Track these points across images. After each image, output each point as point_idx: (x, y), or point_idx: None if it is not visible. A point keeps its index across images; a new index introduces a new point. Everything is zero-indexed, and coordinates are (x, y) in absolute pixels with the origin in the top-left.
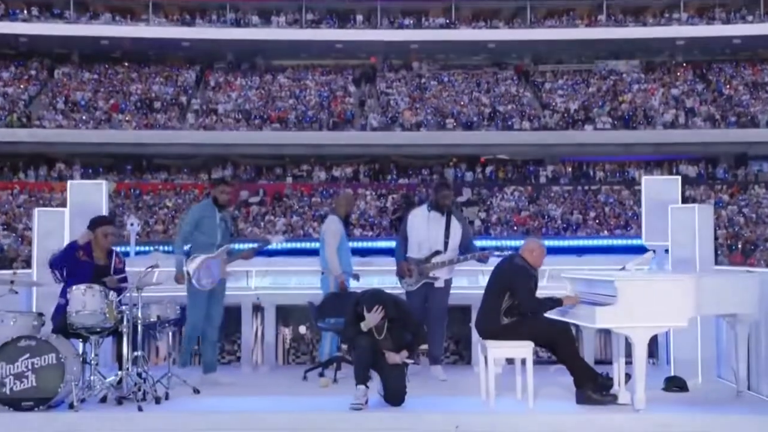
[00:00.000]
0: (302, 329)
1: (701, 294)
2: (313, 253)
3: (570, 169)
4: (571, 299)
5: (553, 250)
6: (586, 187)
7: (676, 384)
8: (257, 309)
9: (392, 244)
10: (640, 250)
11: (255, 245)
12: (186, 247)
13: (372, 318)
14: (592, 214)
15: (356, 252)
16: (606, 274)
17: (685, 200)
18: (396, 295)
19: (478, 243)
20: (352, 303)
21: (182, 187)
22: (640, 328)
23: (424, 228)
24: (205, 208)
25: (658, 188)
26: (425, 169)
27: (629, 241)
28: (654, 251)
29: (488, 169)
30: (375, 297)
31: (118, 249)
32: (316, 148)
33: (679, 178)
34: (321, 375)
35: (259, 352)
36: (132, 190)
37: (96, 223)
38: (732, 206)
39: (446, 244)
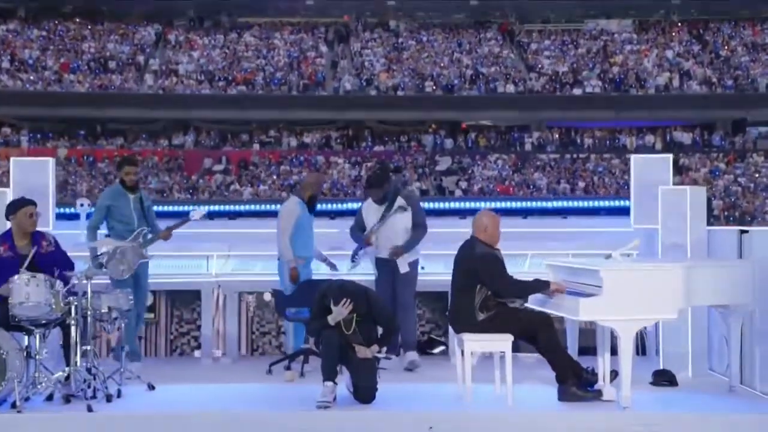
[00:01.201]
0: (267, 296)
1: (692, 284)
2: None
3: (557, 136)
4: (559, 286)
5: (537, 212)
6: (574, 155)
7: (664, 378)
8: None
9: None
10: (627, 212)
11: (173, 224)
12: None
13: (339, 312)
14: (581, 183)
15: (324, 213)
16: (591, 262)
17: (679, 169)
18: (366, 287)
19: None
20: (319, 295)
21: (140, 154)
22: (627, 321)
23: (373, 218)
24: (113, 193)
25: (648, 167)
26: (403, 136)
27: (615, 203)
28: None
29: (470, 136)
30: (343, 289)
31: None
32: (284, 113)
33: (671, 156)
34: (287, 368)
35: (221, 342)
36: (85, 157)
37: (15, 207)
38: (729, 175)
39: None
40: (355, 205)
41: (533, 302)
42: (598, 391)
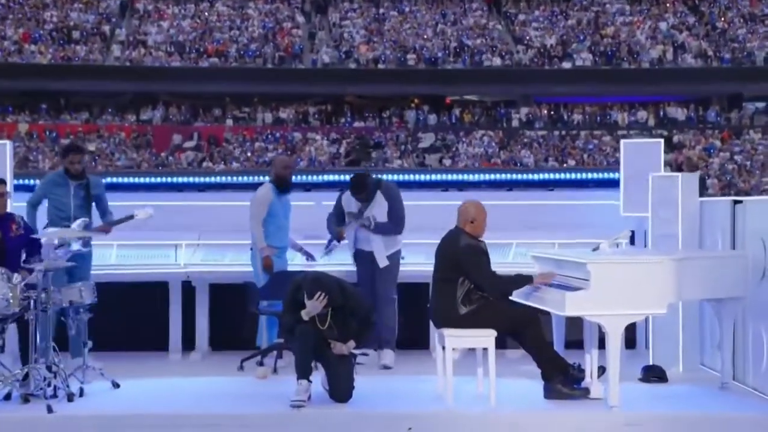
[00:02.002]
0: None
1: (683, 278)
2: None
3: (545, 112)
4: (545, 276)
5: (521, 184)
6: (563, 132)
7: (654, 374)
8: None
9: (338, 177)
10: (615, 184)
11: (115, 219)
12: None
13: (313, 306)
14: (570, 161)
15: (299, 185)
16: (578, 255)
17: (672, 146)
18: (342, 280)
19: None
20: (292, 288)
21: (106, 129)
22: (615, 316)
23: (353, 208)
24: (54, 179)
25: (639, 152)
26: (384, 111)
27: (604, 175)
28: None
29: (454, 112)
30: (317, 282)
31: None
32: (259, 87)
33: (662, 141)
34: (260, 364)
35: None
36: (47, 132)
37: None
38: (724, 153)
39: (360, 214)
40: (331, 177)
41: (517, 295)
42: (586, 389)
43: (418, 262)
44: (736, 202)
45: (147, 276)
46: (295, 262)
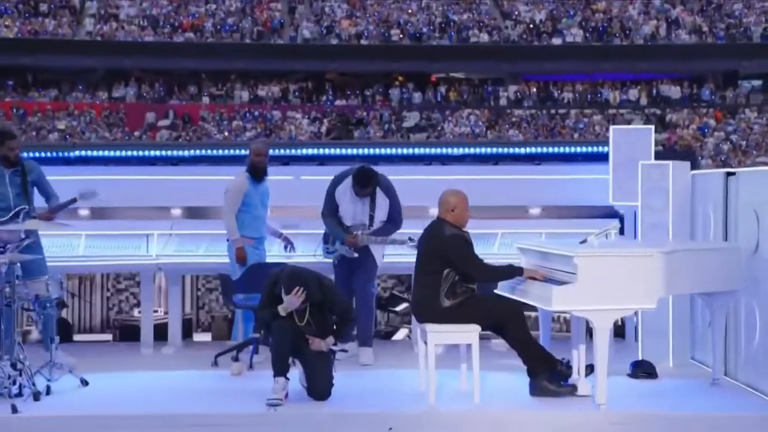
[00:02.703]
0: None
1: (673, 271)
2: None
3: (534, 90)
4: (534, 272)
5: (507, 158)
6: (553, 111)
7: (643, 370)
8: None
9: (317, 151)
10: (604, 158)
11: (56, 205)
12: None
13: (290, 301)
14: (560, 141)
15: (276, 159)
16: (565, 247)
17: (665, 125)
18: (321, 275)
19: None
20: (268, 282)
21: (77, 107)
22: (603, 311)
23: (351, 205)
24: None
25: (629, 139)
26: (366, 89)
27: (592, 149)
28: (620, 221)
29: (440, 89)
30: (294, 277)
31: None
32: (236, 63)
33: (652, 128)
34: (235, 359)
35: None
36: (14, 110)
37: None
38: (719, 132)
39: (372, 218)
40: (311, 151)
41: (502, 288)
42: (573, 386)
43: (398, 253)
44: (728, 174)
45: (117, 267)
46: (273, 253)
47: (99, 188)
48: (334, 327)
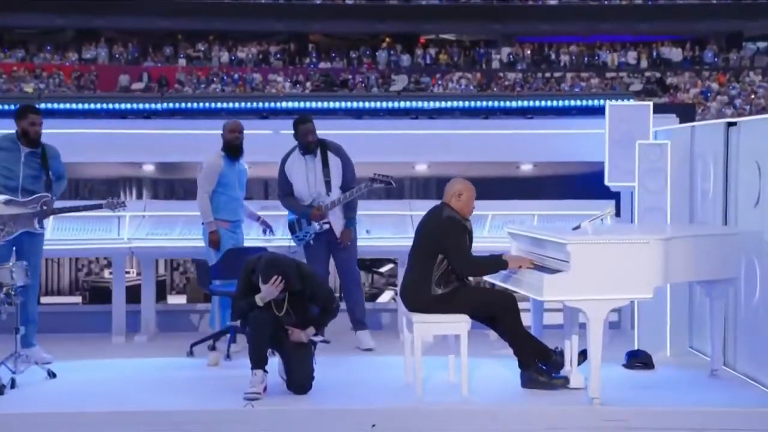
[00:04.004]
0: None
1: (671, 259)
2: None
3: (528, 52)
4: (521, 260)
5: (496, 111)
6: (548, 74)
7: (639, 360)
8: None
9: (297, 104)
10: (599, 111)
11: (82, 205)
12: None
13: (268, 291)
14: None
15: (254, 112)
16: (557, 234)
17: (666, 89)
18: (301, 262)
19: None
20: (245, 270)
21: (45, 69)
22: (597, 301)
23: (303, 174)
24: (4, 139)
25: (626, 116)
26: (352, 51)
27: (586, 102)
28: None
29: (429, 52)
30: (272, 265)
31: None
32: (215, 23)
33: (651, 104)
34: (212, 348)
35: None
36: None
37: None
38: (722, 96)
39: (328, 183)
40: (291, 104)
41: (493, 277)
42: (565, 378)
43: (383, 236)
44: (729, 124)
45: (87, 251)
46: (251, 236)
47: (68, 143)
48: (315, 317)
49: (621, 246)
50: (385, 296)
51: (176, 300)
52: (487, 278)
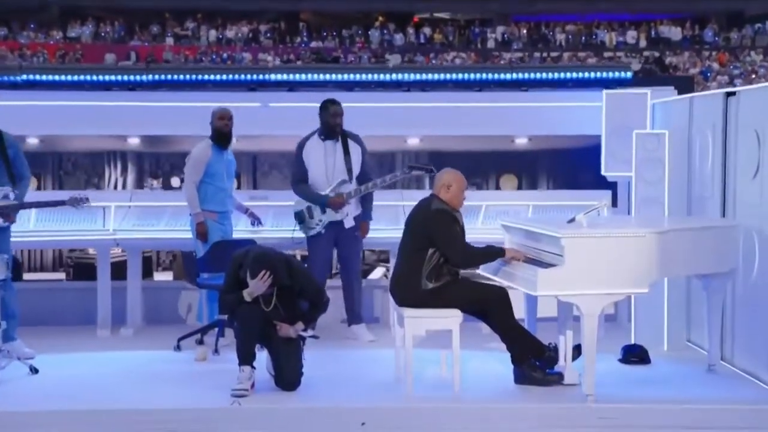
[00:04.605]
0: (175, 182)
1: (668, 253)
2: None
3: (524, 31)
4: (516, 253)
5: (490, 83)
6: (545, 54)
7: (635, 355)
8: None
9: (286, 76)
10: (595, 84)
11: (44, 201)
12: None
13: (256, 286)
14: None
15: (242, 84)
16: (551, 226)
17: (665, 69)
18: (289, 256)
19: None
20: (232, 264)
21: (29, 47)
22: (592, 296)
23: (321, 160)
24: None
25: (623, 104)
26: (344, 30)
27: (583, 74)
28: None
29: (423, 31)
30: (260, 260)
31: None
32: (203, 1)
33: (648, 92)
34: (200, 342)
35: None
36: None
37: None
38: (722, 76)
39: (350, 172)
40: (280, 77)
41: (484, 270)
42: (559, 374)
43: (375, 228)
44: (728, 94)
45: (72, 243)
46: (239, 228)
47: (50, 115)
48: (305, 312)
49: (616, 239)
50: (377, 273)
51: (163, 277)
52: (480, 271)
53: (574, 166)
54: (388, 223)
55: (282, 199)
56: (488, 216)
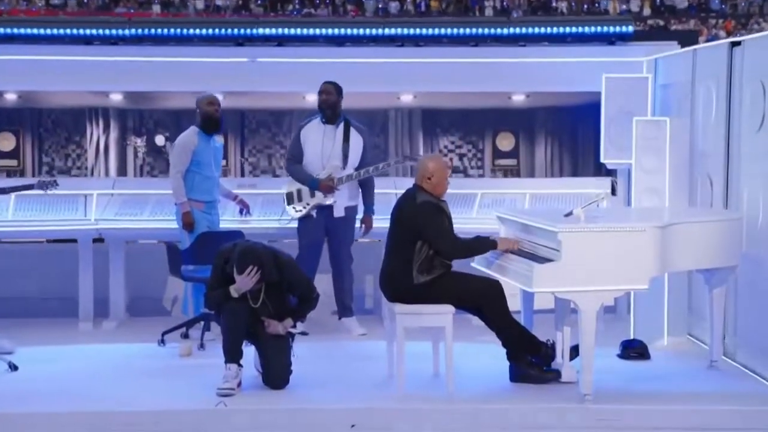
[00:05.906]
0: (159, 140)
1: (669, 248)
2: None
3: None
4: (509, 242)
5: (486, 38)
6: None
7: (635, 350)
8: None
9: (275, 30)
10: (595, 38)
11: (9, 186)
12: None
13: (243, 282)
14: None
15: (230, 39)
16: (548, 220)
17: (670, 36)
18: (277, 251)
19: None
20: (218, 259)
21: (9, 14)
22: (590, 293)
23: (319, 143)
24: None
25: (623, 89)
26: None
27: (584, 28)
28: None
29: None
30: (248, 255)
31: None
32: None
33: (649, 78)
34: (185, 336)
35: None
36: None
37: None
38: None
39: (345, 158)
40: (269, 31)
41: (478, 263)
42: (557, 372)
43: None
44: (733, 44)
45: (52, 233)
46: (226, 217)
47: (29, 70)
48: (294, 308)
49: (615, 234)
50: None
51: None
52: (474, 265)
53: (573, 123)
54: (380, 212)
55: (270, 186)
56: (483, 205)
